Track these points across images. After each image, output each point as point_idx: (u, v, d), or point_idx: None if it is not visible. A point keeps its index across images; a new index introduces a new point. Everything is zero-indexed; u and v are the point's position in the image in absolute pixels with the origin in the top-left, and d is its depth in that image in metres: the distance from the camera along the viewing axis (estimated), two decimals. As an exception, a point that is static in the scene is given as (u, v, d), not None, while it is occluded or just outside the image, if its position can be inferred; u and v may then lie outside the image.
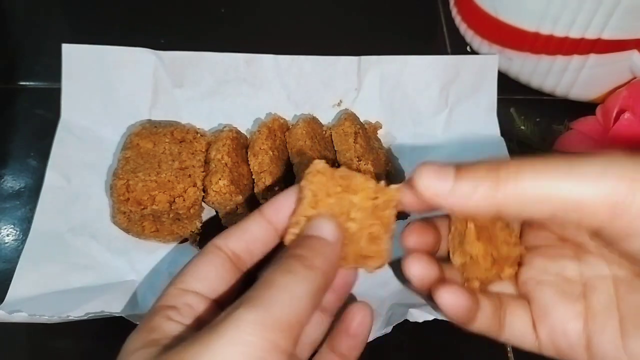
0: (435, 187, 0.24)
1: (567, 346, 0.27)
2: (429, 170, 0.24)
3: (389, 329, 0.37)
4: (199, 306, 0.25)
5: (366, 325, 0.29)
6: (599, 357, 0.26)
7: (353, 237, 0.27)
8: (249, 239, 0.27)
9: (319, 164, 0.27)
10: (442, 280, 0.28)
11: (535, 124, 0.52)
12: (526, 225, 0.31)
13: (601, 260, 0.27)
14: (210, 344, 0.21)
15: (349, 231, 0.27)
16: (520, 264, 0.30)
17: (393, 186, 0.27)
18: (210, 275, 0.26)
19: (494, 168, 0.23)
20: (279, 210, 0.27)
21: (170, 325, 0.24)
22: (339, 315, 0.31)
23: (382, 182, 0.27)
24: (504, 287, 0.30)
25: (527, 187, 0.22)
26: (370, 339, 0.37)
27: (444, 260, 0.31)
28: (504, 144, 0.49)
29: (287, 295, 0.22)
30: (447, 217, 0.31)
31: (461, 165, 0.24)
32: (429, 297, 0.28)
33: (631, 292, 0.26)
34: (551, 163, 0.23)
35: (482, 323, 0.28)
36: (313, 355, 0.30)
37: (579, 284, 0.27)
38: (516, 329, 0.28)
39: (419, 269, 0.28)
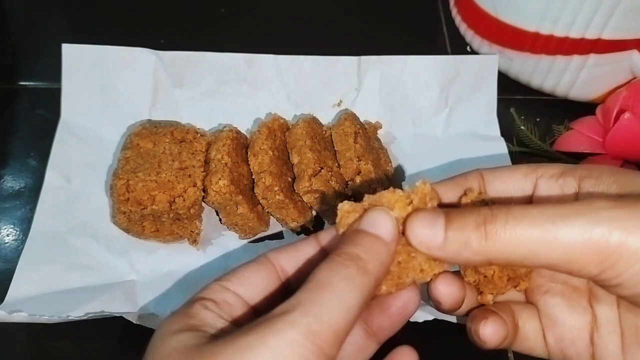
0: (427, 241, 0.25)
1: (575, 354, 0.27)
2: (420, 221, 0.25)
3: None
4: (237, 307, 0.25)
5: None
6: None
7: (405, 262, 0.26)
8: (299, 257, 0.27)
9: (345, 205, 0.26)
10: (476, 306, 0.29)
11: (535, 124, 0.52)
12: None
13: None
14: (266, 339, 0.21)
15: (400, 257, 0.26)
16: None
17: (418, 182, 0.26)
18: (255, 282, 0.26)
19: (482, 221, 0.24)
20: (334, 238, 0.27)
21: (208, 314, 0.24)
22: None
23: (407, 187, 0.27)
24: (512, 294, 0.30)
25: (515, 241, 0.23)
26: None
27: None
28: (504, 144, 0.49)
29: (339, 302, 0.22)
30: None
31: (450, 214, 0.25)
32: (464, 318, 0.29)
33: (630, 309, 0.26)
34: (539, 216, 0.23)
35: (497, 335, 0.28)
36: None
37: (585, 292, 0.28)
38: (529, 337, 0.29)
39: (447, 289, 0.27)
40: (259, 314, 0.23)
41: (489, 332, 0.27)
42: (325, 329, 0.21)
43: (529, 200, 0.28)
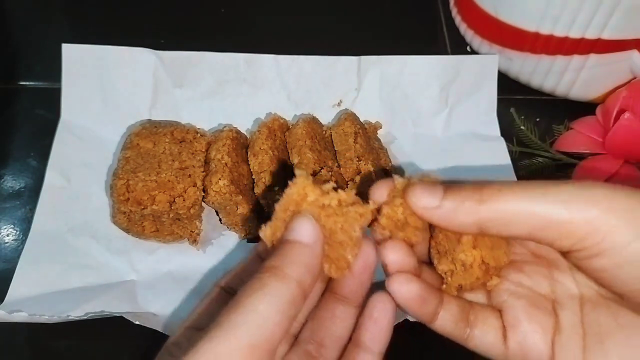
0: (424, 202, 0.26)
1: (536, 357, 0.27)
2: (420, 187, 0.26)
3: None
4: None
5: (388, 313, 0.29)
6: None
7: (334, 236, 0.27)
8: (246, 278, 0.27)
9: (266, 232, 0.27)
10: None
11: (535, 124, 0.52)
12: None
13: (570, 279, 0.28)
14: None
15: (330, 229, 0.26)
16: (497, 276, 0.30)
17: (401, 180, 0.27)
18: (214, 313, 0.26)
19: (479, 188, 0.25)
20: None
21: None
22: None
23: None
24: (476, 296, 0.30)
25: (508, 206, 0.25)
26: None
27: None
28: (504, 144, 0.49)
29: (250, 317, 0.22)
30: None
31: (449, 185, 0.26)
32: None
33: (594, 309, 0.27)
34: (530, 185, 0.25)
35: (447, 323, 0.28)
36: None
37: (549, 300, 0.29)
38: (486, 337, 0.29)
39: (397, 257, 0.28)
40: None
41: (398, 286, 0.27)
42: (236, 348, 0.21)
43: None
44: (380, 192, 0.28)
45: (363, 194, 0.28)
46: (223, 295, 0.29)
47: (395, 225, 0.28)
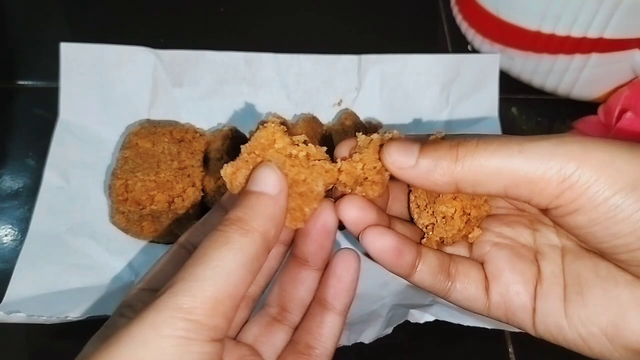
0: (400, 161, 0.25)
1: (518, 307, 0.27)
2: (396, 146, 0.26)
3: (389, 330, 0.37)
4: None
5: (352, 268, 0.28)
6: (542, 320, 0.27)
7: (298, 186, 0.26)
8: (208, 231, 0.27)
9: (227, 169, 0.26)
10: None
11: (536, 123, 0.52)
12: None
13: (552, 231, 0.28)
14: (141, 331, 0.21)
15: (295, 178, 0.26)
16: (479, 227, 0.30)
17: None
18: (170, 272, 0.26)
19: (455, 145, 0.25)
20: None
21: (122, 321, 0.24)
22: None
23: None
24: (457, 249, 0.30)
25: (483, 163, 0.24)
26: (371, 340, 0.37)
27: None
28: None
29: (215, 271, 0.22)
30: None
31: (425, 142, 0.26)
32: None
33: (575, 260, 0.27)
34: (506, 142, 0.24)
35: (425, 277, 0.28)
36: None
37: (531, 250, 0.28)
38: (468, 290, 0.28)
39: (354, 212, 0.27)
40: None
41: (372, 239, 0.27)
42: (200, 302, 0.21)
43: None
44: (343, 149, 0.28)
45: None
46: (182, 253, 0.28)
47: (355, 181, 0.27)
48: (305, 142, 0.26)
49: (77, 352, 0.39)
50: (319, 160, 0.26)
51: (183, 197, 0.40)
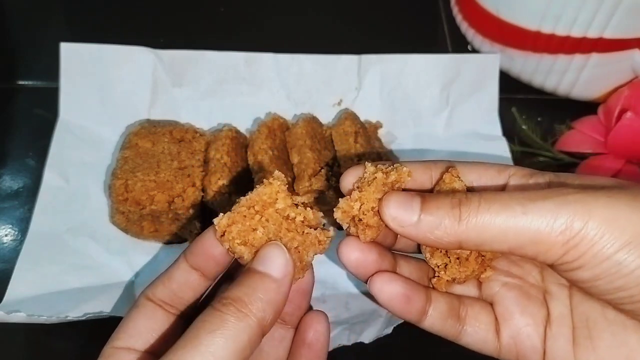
0: (401, 219, 0.25)
1: (529, 349, 0.27)
2: (396, 200, 0.25)
3: (389, 330, 0.37)
4: None
5: (322, 334, 0.28)
6: None
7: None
8: (175, 287, 0.27)
9: (222, 220, 0.25)
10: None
11: (536, 123, 0.52)
12: None
13: None
14: None
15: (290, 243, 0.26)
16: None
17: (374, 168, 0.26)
18: (142, 329, 0.26)
19: (457, 203, 0.24)
20: (199, 255, 0.27)
21: None
22: None
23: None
24: (466, 288, 0.30)
25: (486, 224, 0.24)
26: (371, 339, 0.37)
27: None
28: (506, 143, 0.49)
29: (206, 357, 0.21)
30: None
31: (426, 197, 0.25)
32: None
33: (583, 302, 0.27)
34: (508, 201, 0.24)
35: (436, 322, 0.28)
36: None
37: (540, 290, 0.28)
38: (478, 333, 0.28)
39: (355, 254, 0.27)
40: (158, 355, 0.23)
41: (380, 286, 0.27)
42: None
43: (503, 190, 0.28)
44: (349, 179, 0.27)
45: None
46: (151, 307, 0.27)
47: (351, 220, 0.27)
48: (304, 205, 0.26)
49: (77, 352, 0.39)
50: (315, 227, 0.26)
51: (183, 197, 0.40)
